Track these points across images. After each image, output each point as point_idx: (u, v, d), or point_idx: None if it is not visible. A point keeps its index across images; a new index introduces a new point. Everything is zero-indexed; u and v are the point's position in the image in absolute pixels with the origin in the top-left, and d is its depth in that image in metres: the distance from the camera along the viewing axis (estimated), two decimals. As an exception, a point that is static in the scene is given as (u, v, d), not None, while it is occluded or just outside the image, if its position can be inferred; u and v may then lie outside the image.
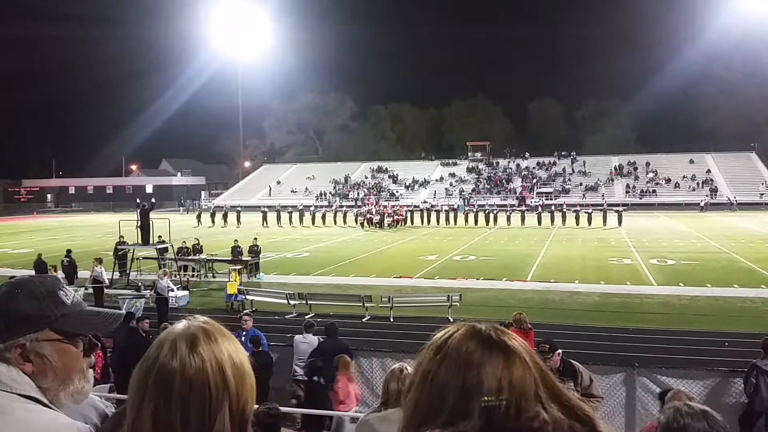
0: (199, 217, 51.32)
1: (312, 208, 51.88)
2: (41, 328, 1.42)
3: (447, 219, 47.49)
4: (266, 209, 52.12)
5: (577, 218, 43.09)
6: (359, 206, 55.67)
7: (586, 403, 1.23)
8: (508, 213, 46.92)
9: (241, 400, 1.22)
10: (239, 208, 53.95)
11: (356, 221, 47.49)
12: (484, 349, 1.20)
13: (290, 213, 50.38)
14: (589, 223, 42.26)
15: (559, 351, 6.77)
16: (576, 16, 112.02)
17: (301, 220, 49.57)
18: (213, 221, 50.17)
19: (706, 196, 60.47)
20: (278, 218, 49.79)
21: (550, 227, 42.26)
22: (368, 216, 47.00)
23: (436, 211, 49.57)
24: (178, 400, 1.17)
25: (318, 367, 9.41)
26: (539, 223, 44.20)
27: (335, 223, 49.15)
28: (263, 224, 47.55)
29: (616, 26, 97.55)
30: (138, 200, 25.39)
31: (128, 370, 1.26)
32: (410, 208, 51.93)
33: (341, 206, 58.19)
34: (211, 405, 1.19)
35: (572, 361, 6.96)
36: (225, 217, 50.76)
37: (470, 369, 1.18)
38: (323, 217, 50.06)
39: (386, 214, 46.92)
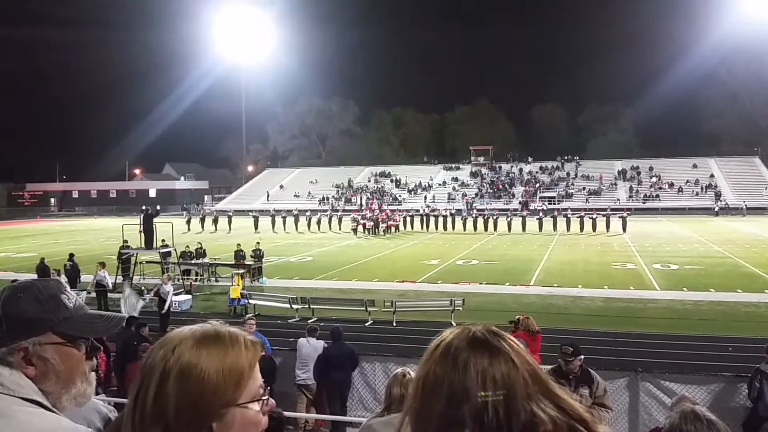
0: (188, 222, 49.61)
1: (308, 213, 50.02)
2: (44, 332, 1.43)
3: (445, 224, 46.17)
4: (257, 214, 51.07)
5: (582, 224, 42.33)
6: (362, 211, 54.48)
7: (583, 405, 1.23)
8: (508, 219, 45.63)
9: (182, 419, 1.14)
10: (230, 213, 52.66)
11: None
12: (470, 349, 1.20)
13: (284, 218, 48.90)
14: (594, 229, 41.55)
15: (582, 356, 6.75)
16: (579, 21, 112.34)
17: (296, 226, 48.20)
18: (203, 226, 49.13)
19: (721, 201, 60.20)
20: (272, 223, 48.57)
21: (553, 233, 41.73)
22: (362, 222, 44.90)
23: (435, 216, 48.26)
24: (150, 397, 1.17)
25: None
26: (540, 229, 42.96)
27: (330, 228, 47.89)
28: (255, 230, 46.46)
29: (619, 31, 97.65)
30: (144, 207, 25.43)
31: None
32: (409, 213, 50.72)
33: (336, 210, 56.84)
34: (144, 414, 1.16)
35: (590, 369, 6.95)
36: (215, 221, 49.80)
37: (456, 369, 1.18)
38: (318, 222, 48.41)
39: (381, 220, 45.28)
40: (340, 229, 47.62)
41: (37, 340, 1.42)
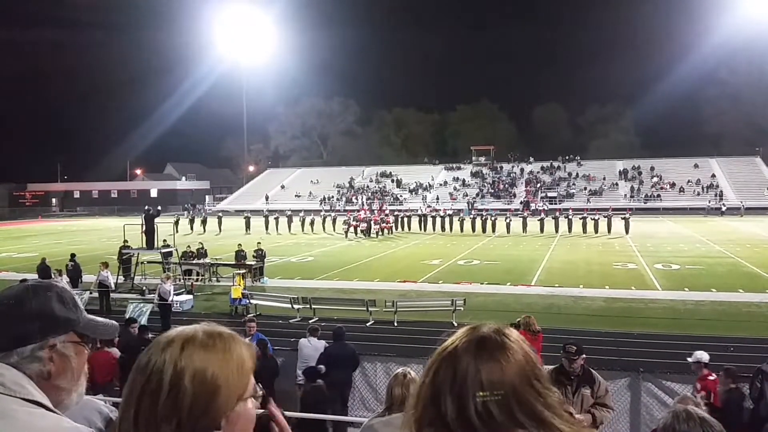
0: (176, 223, 46.91)
1: (301, 214, 48.32)
2: (67, 331, 1.50)
3: (443, 225, 45.26)
4: (249, 215, 49.81)
5: (584, 225, 41.63)
6: (355, 212, 51.22)
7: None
8: (508, 220, 44.27)
9: (194, 414, 1.17)
10: (220, 214, 51.44)
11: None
12: (475, 349, 1.20)
13: (277, 219, 47.63)
14: (596, 230, 40.79)
15: (584, 356, 6.76)
16: (580, 20, 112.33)
17: (289, 227, 46.62)
18: (192, 227, 47.52)
19: (716, 201, 60.08)
20: (266, 224, 47.14)
21: (555, 235, 41.17)
22: (353, 224, 42.94)
23: (432, 216, 47.22)
24: (147, 398, 1.18)
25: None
26: (542, 230, 42.23)
27: (324, 230, 46.63)
28: (246, 231, 45.03)
29: (620, 30, 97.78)
30: (147, 207, 25.47)
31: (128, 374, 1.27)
32: (407, 214, 49.75)
33: (329, 211, 55.71)
34: (157, 410, 1.17)
35: (592, 369, 6.96)
36: (204, 223, 48.62)
37: (459, 369, 1.18)
38: (312, 223, 46.91)
39: (374, 221, 43.79)
40: (334, 230, 46.34)
41: (62, 338, 1.49)
